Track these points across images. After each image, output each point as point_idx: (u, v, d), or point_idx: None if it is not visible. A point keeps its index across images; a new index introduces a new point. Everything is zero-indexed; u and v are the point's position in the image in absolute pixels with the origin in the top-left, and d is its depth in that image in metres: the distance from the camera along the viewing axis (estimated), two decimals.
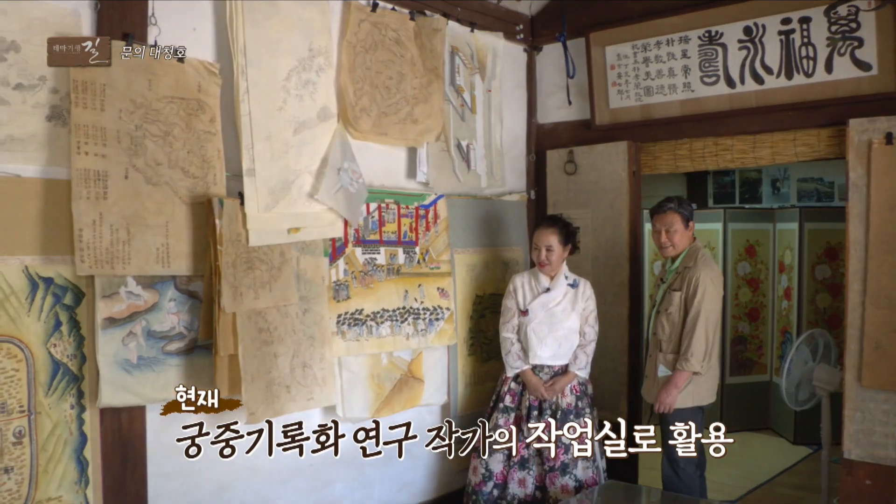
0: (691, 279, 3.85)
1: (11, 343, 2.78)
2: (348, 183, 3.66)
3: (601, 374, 4.71)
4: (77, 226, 2.88)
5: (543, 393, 4.01)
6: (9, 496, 2.76)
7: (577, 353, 4.08)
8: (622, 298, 4.71)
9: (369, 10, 3.96)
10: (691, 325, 3.81)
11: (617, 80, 4.74)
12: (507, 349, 4.15)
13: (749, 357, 6.70)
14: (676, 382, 3.84)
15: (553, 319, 4.06)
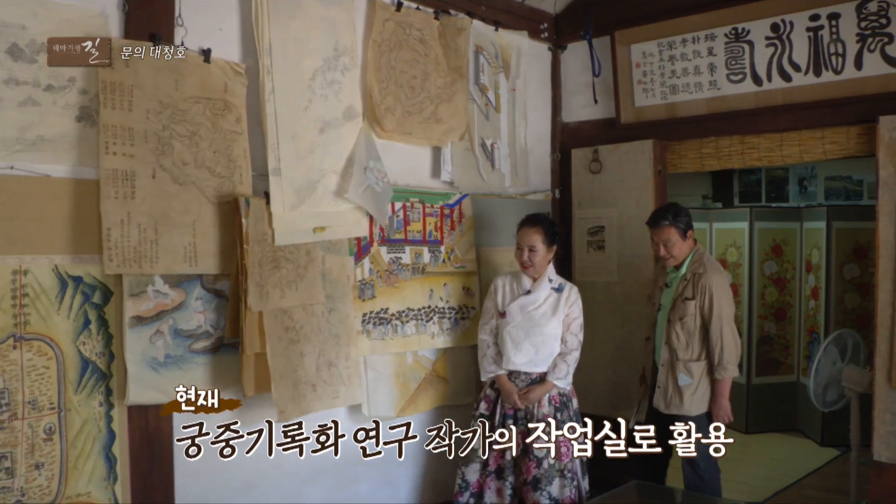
0: (704, 287, 3.79)
1: (42, 341, 2.81)
2: (374, 182, 3.67)
3: (627, 375, 4.69)
4: (105, 225, 2.91)
5: (516, 401, 3.78)
6: (39, 491, 2.80)
7: (557, 361, 3.84)
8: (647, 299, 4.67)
9: (394, 9, 3.96)
10: (717, 333, 3.77)
11: (642, 79, 4.71)
12: (483, 352, 3.94)
13: (775, 357, 6.63)
14: (723, 392, 3.80)
15: (531, 323, 3.83)
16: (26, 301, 2.77)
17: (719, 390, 3.80)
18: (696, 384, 3.81)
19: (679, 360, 3.84)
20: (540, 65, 5.06)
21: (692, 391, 3.82)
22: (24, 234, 2.76)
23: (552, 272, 3.92)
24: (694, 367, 3.82)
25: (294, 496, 3.65)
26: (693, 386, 3.81)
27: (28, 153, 2.76)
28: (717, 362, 3.77)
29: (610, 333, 4.81)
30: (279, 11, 3.40)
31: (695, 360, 3.83)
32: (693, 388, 3.81)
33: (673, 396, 3.86)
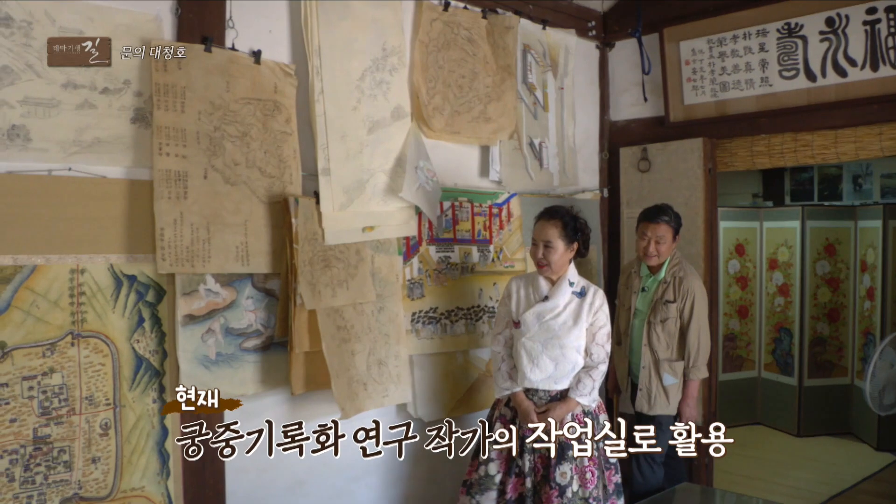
0: (687, 291, 3.86)
1: (98, 338, 2.87)
2: (424, 181, 3.68)
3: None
4: (158, 225, 2.96)
5: (535, 422, 3.29)
6: (96, 485, 2.86)
7: (581, 376, 3.40)
8: None
9: (441, 9, 3.97)
10: (695, 336, 3.86)
11: (692, 76, 4.66)
12: (496, 366, 3.55)
13: (828, 359, 6.50)
14: (694, 393, 3.92)
15: (549, 335, 3.39)
16: (83, 299, 2.83)
17: (690, 391, 3.90)
18: (679, 383, 3.90)
19: (662, 361, 3.89)
20: (588, 63, 5.03)
21: (676, 390, 3.90)
22: (81, 234, 2.82)
23: (573, 273, 3.49)
24: (677, 366, 3.89)
25: (343, 494, 3.68)
26: (677, 385, 3.90)
27: (85, 155, 2.82)
28: (692, 363, 3.87)
29: None
30: (328, 13, 3.43)
31: (676, 359, 3.91)
32: (677, 387, 3.90)
33: (657, 397, 3.90)
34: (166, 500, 3.04)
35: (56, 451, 2.76)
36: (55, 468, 2.76)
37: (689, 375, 3.89)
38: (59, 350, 2.77)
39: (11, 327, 2.66)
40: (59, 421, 2.77)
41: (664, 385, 3.89)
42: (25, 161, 2.70)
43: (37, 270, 2.72)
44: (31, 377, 2.71)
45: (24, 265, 2.69)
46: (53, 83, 2.73)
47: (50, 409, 2.75)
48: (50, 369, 2.75)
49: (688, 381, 3.90)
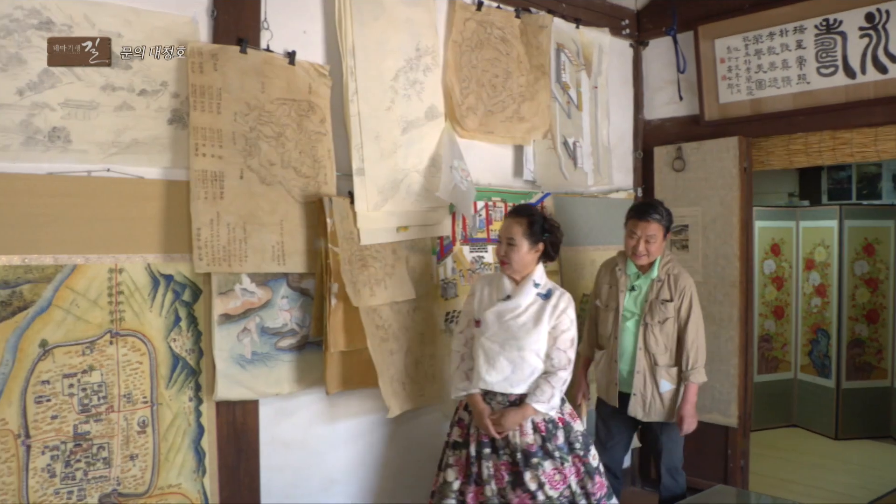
0: (684, 289, 3.72)
1: (136, 337, 2.90)
2: (459, 180, 3.68)
3: (711, 377, 4.59)
4: (195, 225, 2.98)
5: (488, 426, 3.16)
6: (134, 482, 2.89)
7: (540, 382, 3.21)
8: (733, 298, 4.57)
9: (474, 8, 3.96)
10: (693, 336, 3.70)
11: (727, 74, 4.61)
12: (455, 364, 3.39)
13: (867, 361, 6.40)
14: (693, 398, 3.73)
15: (507, 335, 3.22)
16: (121, 298, 2.86)
17: (690, 396, 3.71)
18: (675, 389, 3.74)
19: (659, 366, 3.72)
20: (621, 62, 5.00)
21: (672, 396, 3.74)
22: (120, 233, 2.85)
23: (540, 275, 3.32)
24: (674, 372, 3.74)
25: (378, 493, 3.69)
26: (673, 391, 3.74)
27: (123, 156, 2.85)
28: (692, 365, 3.69)
29: None
30: (362, 13, 3.44)
31: (673, 364, 3.75)
32: (673, 392, 3.74)
33: (653, 403, 3.74)
34: (202, 498, 3.07)
35: (95, 447, 2.80)
36: (94, 464, 2.80)
37: (688, 379, 3.69)
38: (98, 348, 2.81)
39: (52, 325, 2.70)
40: (99, 418, 2.81)
41: (660, 392, 3.73)
42: (66, 162, 2.74)
43: (77, 270, 2.76)
44: (72, 375, 2.75)
45: (65, 265, 2.73)
46: (93, 85, 2.77)
47: (89, 407, 2.79)
48: (89, 367, 2.79)
49: (687, 384, 3.70)
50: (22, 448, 2.64)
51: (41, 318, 2.68)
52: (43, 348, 2.68)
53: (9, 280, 2.61)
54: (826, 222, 6.45)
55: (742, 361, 4.57)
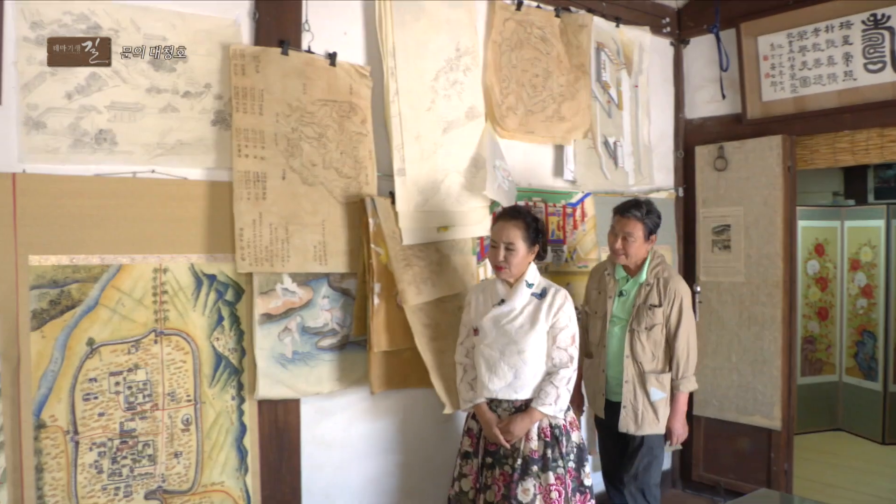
0: (673, 293, 3.51)
1: (180, 336, 2.94)
2: (501, 180, 3.67)
3: (754, 378, 4.55)
4: (238, 225, 3.02)
5: (497, 435, 3.09)
6: (178, 479, 2.93)
7: (543, 384, 3.11)
8: (776, 299, 4.50)
9: (514, 8, 3.96)
10: (684, 343, 3.51)
11: (770, 72, 4.54)
12: (459, 377, 3.32)
13: None
14: (683, 408, 3.56)
15: (506, 340, 3.12)
16: (166, 298, 2.91)
17: (679, 406, 3.55)
18: (667, 397, 3.55)
19: (648, 374, 3.52)
20: (662, 60, 4.96)
21: (664, 405, 3.55)
22: (164, 234, 2.89)
23: (533, 274, 3.22)
24: (664, 379, 3.54)
25: (417, 493, 3.70)
26: (665, 399, 3.54)
27: (167, 157, 2.89)
28: (681, 374, 3.52)
29: (736, 335, 4.66)
30: (402, 14, 3.45)
31: (663, 371, 3.55)
32: (665, 401, 3.55)
33: (645, 414, 3.53)
34: (244, 496, 3.10)
35: (141, 444, 2.85)
36: (140, 461, 2.84)
37: (677, 388, 3.52)
38: (143, 347, 2.85)
39: (99, 324, 2.75)
40: (144, 416, 2.85)
41: (651, 401, 3.51)
42: (112, 164, 2.78)
43: (122, 269, 2.81)
44: (118, 373, 2.80)
45: (111, 264, 2.78)
46: (138, 88, 2.82)
47: (135, 405, 2.83)
48: (135, 365, 2.84)
49: (676, 394, 3.53)
50: (71, 444, 2.69)
51: (88, 317, 2.73)
52: (90, 346, 2.74)
53: (57, 279, 2.67)
54: (873, 222, 6.32)
55: (785, 363, 4.50)
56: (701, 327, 4.81)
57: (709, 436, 4.85)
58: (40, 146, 2.63)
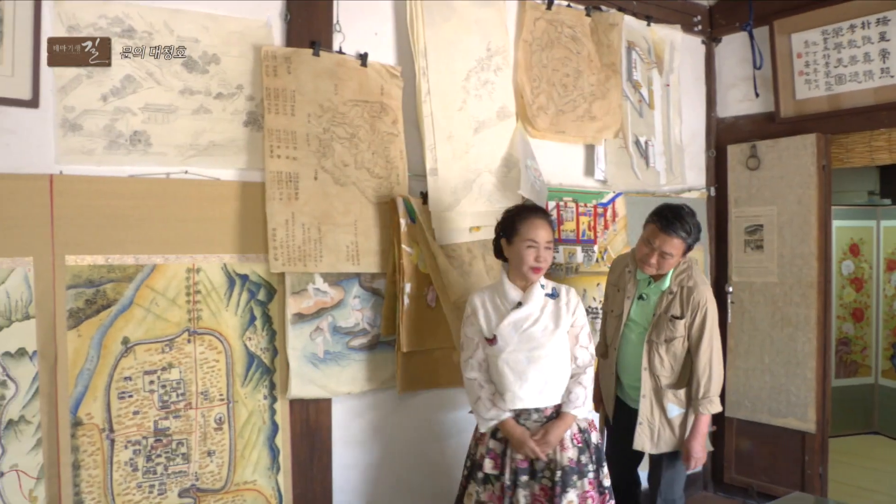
0: (698, 304, 3.21)
1: (213, 335, 2.97)
2: (533, 180, 3.66)
3: (787, 380, 4.49)
4: (271, 225, 3.03)
5: (535, 449, 2.87)
6: (211, 477, 2.96)
7: (571, 387, 2.98)
8: (810, 300, 4.44)
9: (544, 7, 3.94)
10: (706, 360, 3.22)
11: (804, 69, 4.48)
12: (475, 395, 3.00)
13: None
14: (704, 430, 3.27)
15: (532, 344, 2.93)
16: (199, 298, 2.93)
17: (700, 428, 3.25)
18: (685, 413, 3.31)
19: (665, 389, 3.29)
20: (693, 59, 4.91)
21: (681, 422, 3.31)
22: (197, 234, 2.92)
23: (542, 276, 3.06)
24: (682, 394, 3.30)
25: (448, 494, 3.69)
26: (683, 415, 3.30)
27: (200, 158, 2.92)
28: (703, 394, 3.21)
29: (769, 336, 4.60)
30: (433, 14, 3.45)
31: (682, 386, 3.31)
32: (683, 417, 3.31)
33: (662, 432, 3.31)
34: (276, 494, 3.12)
35: (175, 443, 2.87)
36: (174, 459, 2.87)
37: (698, 409, 3.23)
38: (177, 346, 2.88)
39: (133, 323, 2.78)
40: (178, 414, 2.88)
41: (668, 417, 3.30)
42: (146, 165, 2.81)
43: (156, 269, 2.83)
44: (152, 372, 2.83)
45: (145, 264, 2.81)
46: (171, 90, 2.84)
47: (169, 403, 2.86)
48: (168, 364, 2.86)
49: (698, 415, 3.24)
50: (106, 442, 2.73)
51: (123, 316, 2.77)
52: (125, 345, 2.77)
53: (93, 279, 2.70)
54: None
55: (820, 365, 4.44)
56: (733, 328, 4.77)
57: (741, 438, 4.80)
58: (76, 148, 2.67)
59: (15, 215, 2.55)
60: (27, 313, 2.58)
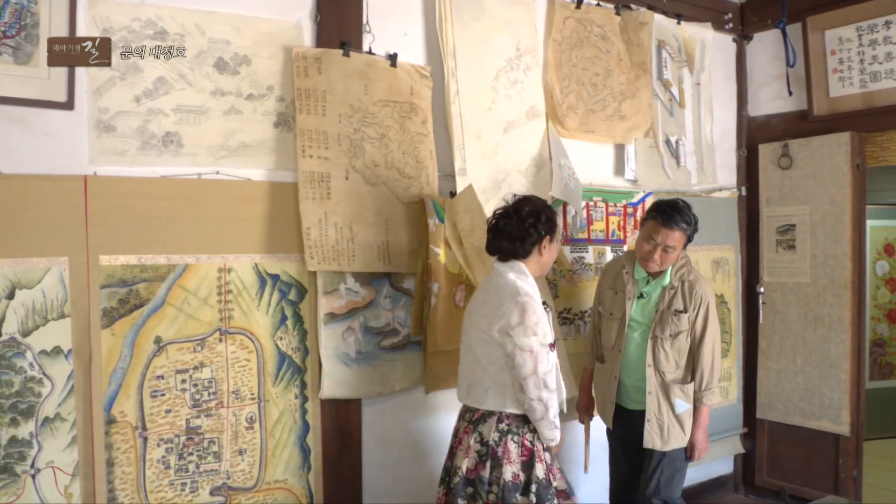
0: (700, 298, 3.25)
1: (244, 335, 2.98)
2: (567, 178, 3.65)
3: (820, 382, 4.43)
4: (305, 224, 3.04)
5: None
6: (242, 476, 2.97)
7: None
8: (844, 301, 4.38)
9: (574, 6, 3.93)
10: (709, 352, 3.26)
11: (838, 67, 4.42)
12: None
13: None
14: (706, 421, 3.32)
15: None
16: (230, 297, 2.95)
17: (702, 419, 3.31)
18: (691, 409, 3.30)
19: (672, 385, 3.27)
20: (724, 57, 4.86)
21: (689, 417, 3.30)
22: (228, 234, 2.94)
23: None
24: (688, 389, 3.29)
25: None
26: (690, 410, 3.29)
27: (231, 158, 2.94)
28: (706, 385, 3.27)
29: (801, 337, 4.55)
30: (462, 14, 3.45)
31: (688, 381, 3.31)
32: (689, 413, 3.29)
33: (671, 428, 3.27)
34: (307, 494, 3.13)
35: (206, 441, 2.89)
36: (206, 458, 2.89)
37: (701, 400, 3.28)
38: (209, 345, 2.90)
39: (166, 323, 2.80)
40: (209, 413, 2.90)
41: (676, 413, 3.27)
42: (178, 166, 2.84)
43: (188, 269, 2.85)
44: (184, 371, 2.85)
45: (177, 264, 2.83)
46: (203, 91, 2.86)
47: (200, 402, 2.88)
48: (200, 364, 2.88)
49: (699, 406, 3.29)
50: (139, 440, 2.75)
51: (155, 316, 2.79)
52: (157, 344, 2.79)
53: (126, 279, 2.72)
54: None
55: (854, 366, 4.38)
56: (764, 328, 4.72)
57: (773, 440, 4.75)
58: (110, 149, 2.69)
59: (50, 216, 2.58)
60: (62, 312, 2.61)
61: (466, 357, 2.83)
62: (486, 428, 2.70)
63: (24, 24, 2.55)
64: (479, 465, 2.68)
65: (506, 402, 2.69)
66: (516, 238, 2.76)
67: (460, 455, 2.76)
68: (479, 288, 2.89)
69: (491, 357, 2.69)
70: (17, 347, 2.54)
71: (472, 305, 2.85)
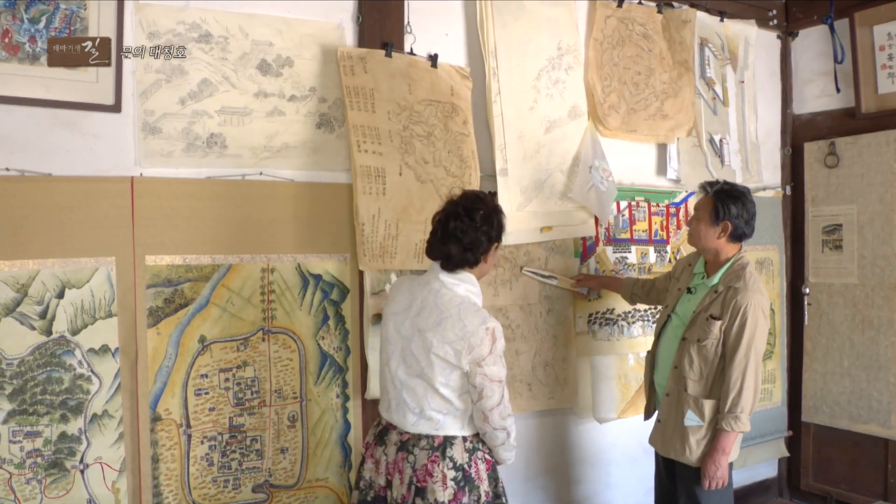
0: (738, 308, 2.92)
1: (286, 334, 3.01)
2: (599, 181, 3.62)
3: (869, 385, 4.35)
4: (360, 220, 3.04)
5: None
6: (284, 474, 3.00)
7: None
8: (893, 302, 4.28)
9: (615, 5, 3.90)
10: (739, 372, 2.89)
11: (887, 63, 4.33)
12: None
13: None
14: (725, 448, 2.93)
15: None
16: (273, 297, 2.97)
17: (721, 445, 2.93)
18: (706, 428, 2.99)
19: (688, 393, 3.02)
20: (768, 54, 4.79)
21: (700, 436, 3.00)
22: (271, 234, 2.97)
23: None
24: (707, 405, 2.98)
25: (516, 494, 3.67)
26: (703, 430, 2.99)
27: (274, 159, 2.96)
28: (729, 408, 2.89)
29: (848, 339, 4.47)
30: (503, 14, 3.44)
31: (707, 396, 3.01)
32: (702, 432, 2.99)
33: (673, 437, 3.07)
34: (348, 492, 3.15)
35: (249, 439, 2.93)
36: (248, 455, 2.92)
37: (722, 424, 2.91)
38: (252, 345, 2.93)
39: (210, 322, 2.84)
40: (252, 411, 2.93)
41: (684, 425, 3.02)
42: (222, 167, 2.87)
43: (232, 269, 2.89)
44: (227, 369, 2.88)
45: (221, 264, 2.87)
46: (246, 93, 2.89)
47: (243, 400, 2.91)
48: (243, 363, 2.91)
49: (720, 431, 2.93)
50: (183, 437, 2.79)
51: (200, 315, 2.83)
52: (202, 343, 2.83)
53: (171, 279, 2.76)
54: None
55: None
56: (810, 330, 4.65)
57: (819, 444, 4.67)
58: (156, 150, 2.74)
59: (98, 216, 2.63)
60: (110, 311, 2.66)
61: (412, 382, 2.51)
62: (455, 452, 2.50)
63: (74, 30, 2.60)
64: (460, 493, 2.47)
65: (464, 426, 2.52)
66: (468, 247, 2.51)
67: (398, 485, 2.52)
68: (405, 289, 2.61)
69: (453, 385, 2.47)
70: (67, 346, 2.59)
71: (403, 313, 2.55)
